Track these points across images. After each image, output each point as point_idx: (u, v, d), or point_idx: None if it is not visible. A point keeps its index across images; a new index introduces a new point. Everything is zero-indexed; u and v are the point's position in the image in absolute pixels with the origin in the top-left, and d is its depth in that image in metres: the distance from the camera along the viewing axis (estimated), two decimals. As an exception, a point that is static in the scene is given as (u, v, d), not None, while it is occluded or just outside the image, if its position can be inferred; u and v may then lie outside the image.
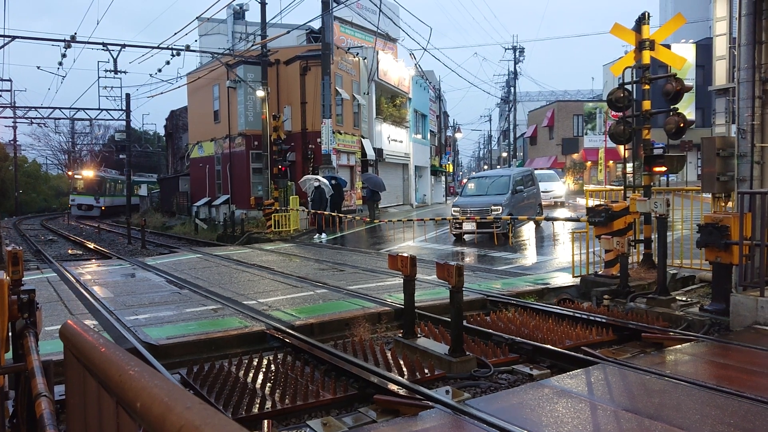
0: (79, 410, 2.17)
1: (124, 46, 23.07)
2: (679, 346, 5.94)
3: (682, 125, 9.14)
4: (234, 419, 4.51)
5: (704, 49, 40.07)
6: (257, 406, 4.72)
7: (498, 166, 67.38)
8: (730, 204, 7.93)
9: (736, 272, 6.84)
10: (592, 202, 10.03)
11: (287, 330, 6.78)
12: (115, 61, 24.53)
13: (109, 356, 1.61)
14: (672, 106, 9.29)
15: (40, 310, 3.40)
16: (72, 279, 10.82)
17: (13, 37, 21.50)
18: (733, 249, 6.72)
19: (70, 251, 19.34)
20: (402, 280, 6.39)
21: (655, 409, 4.25)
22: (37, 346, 3.00)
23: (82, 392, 2.06)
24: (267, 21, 24.04)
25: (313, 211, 20.27)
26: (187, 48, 22.86)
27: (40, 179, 61.66)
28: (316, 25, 26.70)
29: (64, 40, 21.78)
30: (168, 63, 24.09)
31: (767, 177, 7.21)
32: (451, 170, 61.81)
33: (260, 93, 24.20)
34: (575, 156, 53.69)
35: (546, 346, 6.09)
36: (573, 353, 5.83)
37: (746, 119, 7.05)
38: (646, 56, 9.58)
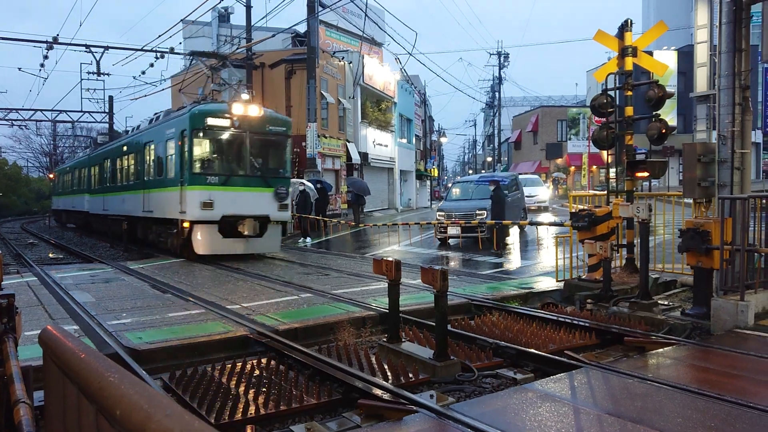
0: (59, 417, 2.14)
1: (107, 48, 22.89)
2: (661, 349, 6.00)
3: (664, 131, 9.24)
4: (216, 425, 4.49)
5: (686, 56, 40.60)
6: (240, 411, 4.69)
7: (483, 171, 67.71)
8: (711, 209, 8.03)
9: (716, 277, 6.93)
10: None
11: (271, 335, 6.74)
12: (98, 63, 24.34)
13: (88, 363, 1.59)
14: (654, 112, 9.40)
15: (19, 315, 3.35)
16: (53, 283, 10.68)
17: (-6, 38, 21.23)
18: (714, 254, 6.80)
19: (51, 255, 19.10)
20: (387, 285, 6.39)
21: (638, 412, 4.28)
22: (16, 352, 2.96)
23: (62, 399, 2.03)
24: (252, 24, 23.99)
25: (298, 215, 20.18)
26: (172, 50, 22.73)
27: (20, 182, 60.83)
28: (302, 28, 26.68)
29: (45, 42, 21.57)
30: (152, 65, 24.00)
31: (747, 182, 7.32)
32: (436, 174, 62.00)
33: (245, 96, 24.06)
34: (559, 161, 54.10)
35: (530, 350, 6.11)
36: (556, 357, 5.86)
37: (727, 126, 7.15)
38: (629, 63, 9.69)
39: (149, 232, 16.84)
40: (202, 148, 13.56)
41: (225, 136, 13.66)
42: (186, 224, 13.36)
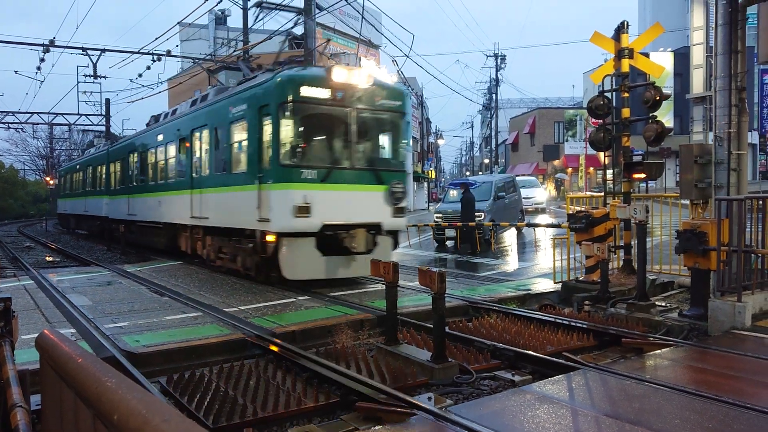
0: (56, 422, 2.13)
1: (104, 50, 22.85)
2: (658, 351, 6.00)
3: (660, 132, 9.26)
4: (215, 428, 4.48)
5: (682, 58, 40.68)
6: (238, 414, 4.68)
7: (480, 173, 67.78)
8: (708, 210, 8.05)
9: (714, 278, 6.94)
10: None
11: (268, 337, 6.73)
12: (94, 65, 24.31)
13: (85, 367, 1.58)
14: (651, 114, 9.42)
15: (16, 319, 3.34)
16: (50, 286, 10.65)
17: (-10, 41, 21.19)
18: (711, 255, 6.81)
19: (48, 258, 19.05)
20: (384, 287, 6.39)
21: (636, 414, 4.28)
22: (12, 355, 2.95)
23: (59, 403, 2.02)
24: (249, 26, 23.99)
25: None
26: (168, 53, 22.69)
27: (17, 185, 60.67)
28: (299, 31, 26.73)
29: (42, 45, 21.52)
30: (149, 68, 23.88)
31: (744, 184, 7.33)
32: (433, 176, 62.00)
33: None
34: (556, 162, 54.16)
35: (528, 352, 6.12)
36: (554, 359, 5.86)
37: (723, 127, 7.17)
38: (626, 65, 9.71)
39: (201, 244, 12.91)
40: (293, 130, 9.63)
41: (325, 112, 9.93)
42: (270, 237, 9.62)
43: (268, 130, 9.85)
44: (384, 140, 10.89)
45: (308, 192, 9.37)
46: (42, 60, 23.04)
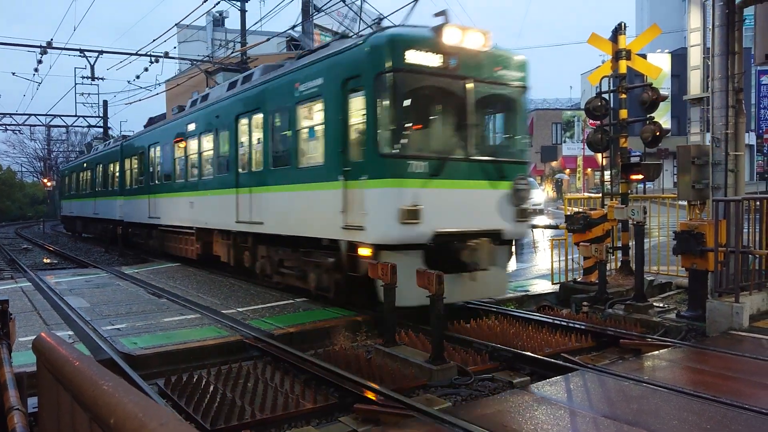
0: (53, 425, 2.13)
1: (101, 52, 22.83)
2: (656, 352, 6.01)
3: (657, 134, 9.28)
4: (213, 430, 4.47)
5: (679, 59, 40.75)
6: (236, 416, 4.68)
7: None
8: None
9: (711, 279, 6.94)
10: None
11: (266, 339, 6.72)
12: (92, 67, 24.28)
13: (82, 370, 1.58)
14: (648, 115, 9.44)
15: (13, 321, 3.34)
16: (47, 289, 10.64)
17: (-13, 43, 21.17)
18: (708, 256, 6.82)
19: (45, 260, 19.02)
20: (383, 288, 6.38)
21: (634, 415, 4.28)
22: (10, 358, 2.95)
23: (56, 407, 2.02)
24: (247, 28, 23.99)
25: None
26: (166, 55, 22.68)
27: (14, 187, 60.59)
28: (297, 32, 26.75)
29: (40, 46, 21.50)
30: (146, 70, 23.87)
31: (741, 185, 7.34)
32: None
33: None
34: (554, 163, 54.22)
35: (526, 353, 6.12)
36: (552, 360, 5.87)
37: (720, 128, 7.18)
38: (623, 66, 9.73)
39: (251, 255, 10.72)
40: (396, 110, 7.32)
41: (436, 85, 7.71)
42: (364, 251, 7.41)
43: (357, 109, 7.65)
44: (504, 122, 8.68)
45: (418, 190, 7.15)
46: (39, 62, 23.01)
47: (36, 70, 24.63)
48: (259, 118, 10.15)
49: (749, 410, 4.26)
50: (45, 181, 57.18)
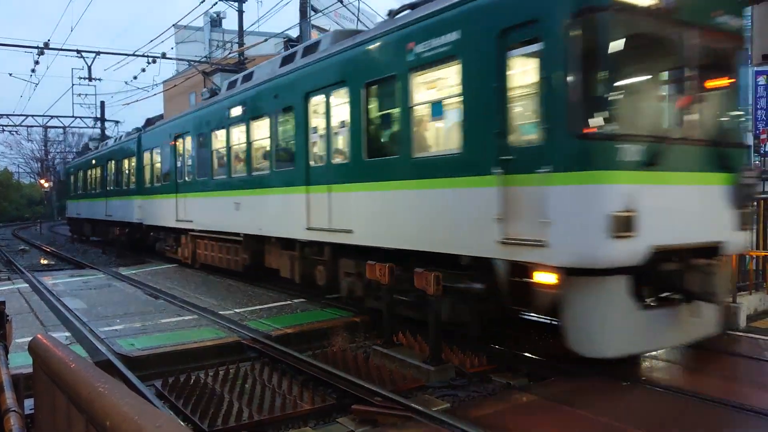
0: (49, 426, 2.12)
1: (98, 53, 22.79)
2: (654, 352, 5.99)
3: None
4: (210, 432, 4.46)
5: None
6: (234, 417, 4.67)
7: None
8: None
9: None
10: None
11: (264, 340, 6.72)
12: (89, 68, 24.22)
13: (78, 372, 1.57)
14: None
15: (10, 322, 3.33)
16: (44, 290, 10.62)
17: (-16, 44, 21.12)
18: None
19: (42, 261, 18.99)
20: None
21: (629, 415, 4.28)
22: (6, 359, 2.94)
23: (52, 409, 2.01)
24: (244, 29, 23.98)
25: None
26: (163, 55, 22.66)
27: (11, 188, 60.47)
28: (294, 33, 26.75)
29: (37, 47, 21.45)
30: (144, 70, 23.83)
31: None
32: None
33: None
34: None
35: (524, 354, 6.11)
36: (551, 361, 5.85)
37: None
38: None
39: (326, 270, 8.55)
40: (596, 68, 5.07)
41: (649, 33, 5.60)
42: (544, 276, 5.25)
43: (526, 72, 5.63)
44: (724, 90, 6.13)
45: (632, 188, 5.00)
46: (36, 62, 22.99)
47: (33, 70, 24.64)
48: (342, 94, 7.85)
49: (748, 411, 4.27)
50: (42, 182, 57.08)
